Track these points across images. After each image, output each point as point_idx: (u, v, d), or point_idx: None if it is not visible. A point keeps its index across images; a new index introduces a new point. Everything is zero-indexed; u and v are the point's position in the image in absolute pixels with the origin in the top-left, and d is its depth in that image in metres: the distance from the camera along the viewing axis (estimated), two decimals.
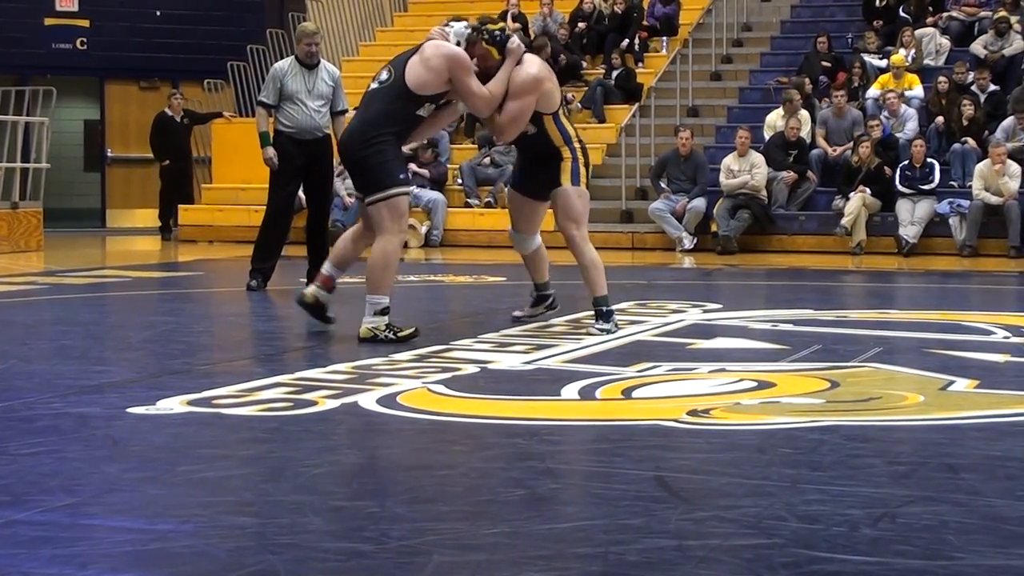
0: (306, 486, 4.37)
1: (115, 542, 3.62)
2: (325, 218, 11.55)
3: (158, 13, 23.54)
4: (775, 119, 18.20)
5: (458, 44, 7.88)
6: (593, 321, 8.26)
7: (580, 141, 8.36)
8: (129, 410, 5.56)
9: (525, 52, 8.12)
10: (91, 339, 8.48)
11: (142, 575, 3.37)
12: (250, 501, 4.09)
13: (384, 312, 7.66)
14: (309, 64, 11.16)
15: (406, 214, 7.88)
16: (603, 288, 8.24)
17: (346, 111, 11.30)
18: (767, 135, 18.06)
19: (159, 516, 3.90)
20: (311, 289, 8.09)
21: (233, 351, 7.47)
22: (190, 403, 5.73)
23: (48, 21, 22.94)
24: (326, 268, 8.11)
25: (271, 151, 11.17)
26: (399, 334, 7.65)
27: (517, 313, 8.80)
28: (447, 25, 8.02)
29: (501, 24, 8.21)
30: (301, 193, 17.08)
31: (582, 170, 8.28)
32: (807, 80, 19.03)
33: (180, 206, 20.19)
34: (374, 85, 7.91)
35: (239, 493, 4.22)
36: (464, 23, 8.04)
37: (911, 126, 17.74)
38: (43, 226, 17.77)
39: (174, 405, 5.68)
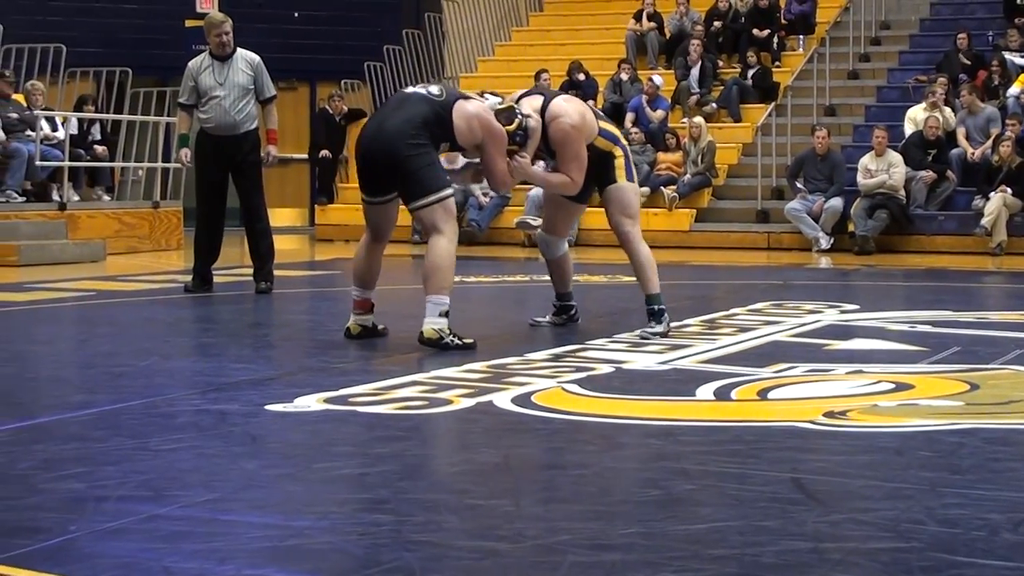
0: (441, 484, 4.40)
1: (253, 537, 3.67)
2: (256, 215, 11.20)
3: (296, 14, 23.80)
4: (916, 113, 17.97)
5: None
6: (645, 322, 8.12)
7: (624, 136, 8.26)
8: (267, 407, 5.63)
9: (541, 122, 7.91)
10: (230, 337, 8.59)
11: (280, 570, 3.41)
12: (386, 498, 4.12)
13: (446, 315, 7.41)
14: (222, 56, 10.78)
15: (455, 212, 7.68)
16: (656, 286, 8.16)
17: (273, 97, 11.00)
18: (908, 130, 17.83)
19: (296, 512, 3.94)
20: (351, 322, 7.86)
21: (369, 349, 7.51)
22: (327, 401, 5.78)
23: (189, 23, 23.24)
24: (356, 293, 7.88)
25: (184, 152, 10.96)
26: (463, 340, 7.40)
27: (537, 319, 8.62)
28: (483, 96, 7.91)
29: (517, 121, 7.80)
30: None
31: (633, 167, 8.28)
32: (946, 78, 18.76)
33: (317, 207, 20.37)
34: (421, 91, 7.69)
35: (375, 490, 4.25)
36: (499, 99, 7.92)
37: None
38: (183, 225, 18.03)
39: (311, 403, 5.74)
